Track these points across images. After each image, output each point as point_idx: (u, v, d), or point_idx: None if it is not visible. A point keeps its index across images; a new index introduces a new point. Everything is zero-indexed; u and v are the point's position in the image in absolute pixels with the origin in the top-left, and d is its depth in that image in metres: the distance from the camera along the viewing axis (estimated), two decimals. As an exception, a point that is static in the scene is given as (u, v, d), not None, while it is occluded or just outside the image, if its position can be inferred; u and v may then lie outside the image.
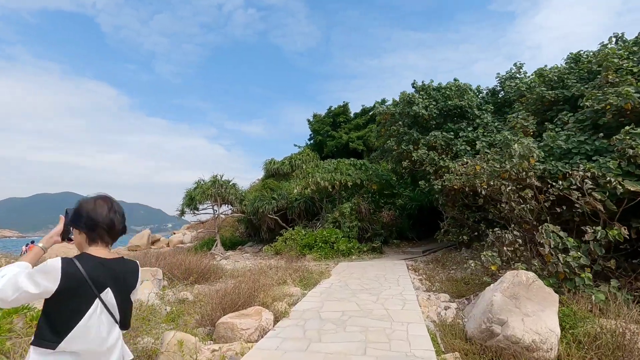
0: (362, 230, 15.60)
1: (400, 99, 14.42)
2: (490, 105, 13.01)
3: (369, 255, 14.18)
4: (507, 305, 5.03)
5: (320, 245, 13.99)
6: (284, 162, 24.03)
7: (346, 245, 13.92)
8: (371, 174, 16.22)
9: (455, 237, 12.53)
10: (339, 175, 15.65)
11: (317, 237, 14.20)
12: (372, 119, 27.79)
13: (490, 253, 7.26)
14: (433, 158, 12.06)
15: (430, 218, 19.21)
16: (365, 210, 15.50)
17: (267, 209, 16.99)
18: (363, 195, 15.98)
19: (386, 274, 9.89)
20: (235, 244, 21.52)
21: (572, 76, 10.36)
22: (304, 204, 17.71)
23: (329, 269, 11.07)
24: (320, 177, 15.57)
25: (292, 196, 18.22)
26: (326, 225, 15.17)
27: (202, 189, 17.65)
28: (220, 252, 17.95)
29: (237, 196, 19.02)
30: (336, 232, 14.34)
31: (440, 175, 12.11)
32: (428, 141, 12.76)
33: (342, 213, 15.04)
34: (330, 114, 28.84)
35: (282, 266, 11.16)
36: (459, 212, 12.26)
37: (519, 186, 8.10)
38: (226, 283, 9.91)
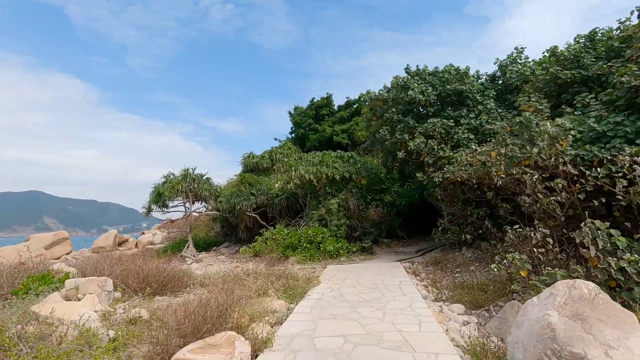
0: (350, 229, 14.18)
1: (393, 83, 13.06)
2: (492, 91, 11.84)
3: (359, 256, 12.77)
4: (574, 330, 3.67)
5: (305, 245, 12.46)
6: (264, 156, 22.31)
7: (334, 245, 12.45)
8: (360, 167, 14.82)
9: (456, 235, 11.29)
10: (325, 168, 14.16)
11: (302, 236, 12.67)
12: (357, 112, 26.49)
13: (518, 256, 5.94)
14: (432, 147, 10.75)
15: (421, 215, 18.07)
16: (354, 206, 14.09)
17: (244, 206, 15.29)
18: (351, 191, 14.56)
19: (385, 280, 8.47)
20: (209, 244, 19.67)
21: (589, 55, 9.26)
22: (286, 201, 16.12)
23: (317, 274, 9.56)
24: (304, 170, 14.04)
25: (272, 192, 16.59)
26: (311, 223, 13.65)
27: (172, 184, 15.73)
28: (192, 254, 16.10)
29: (211, 192, 17.18)
30: (322, 231, 12.85)
31: (440, 166, 10.83)
32: (425, 129, 11.45)
33: (329, 210, 13.56)
34: (312, 106, 27.30)
35: (262, 271, 9.56)
36: (461, 207, 11.02)
37: (545, 175, 6.85)
38: (194, 294, 8.23)
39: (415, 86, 12.35)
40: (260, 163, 22.17)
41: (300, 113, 27.43)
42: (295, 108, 28.16)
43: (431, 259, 11.32)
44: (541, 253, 6.10)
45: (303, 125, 26.42)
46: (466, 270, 9.33)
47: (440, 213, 19.22)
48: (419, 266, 10.60)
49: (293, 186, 14.99)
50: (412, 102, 12.35)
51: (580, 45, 9.61)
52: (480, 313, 6.48)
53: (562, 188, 6.44)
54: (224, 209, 16.55)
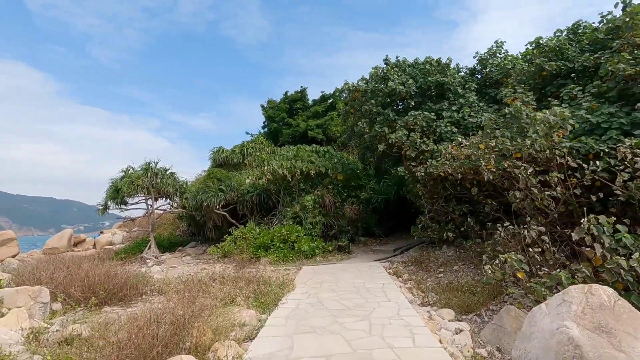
0: (326, 227, 13.45)
1: (372, 74, 12.43)
2: (473, 84, 11.47)
3: (335, 256, 12.07)
4: (602, 347, 3.10)
5: (279, 245, 11.60)
6: (235, 150, 21.12)
7: (309, 244, 11.67)
8: (336, 162, 14.12)
9: (437, 233, 10.84)
10: (300, 163, 13.34)
11: (275, 235, 11.79)
12: (332, 106, 25.81)
13: (515, 255, 5.41)
14: (415, 140, 10.20)
15: (397, 213, 17.66)
16: (330, 203, 13.37)
17: (212, 203, 14.17)
18: (327, 187, 13.83)
19: (366, 282, 7.80)
20: (174, 244, 18.32)
21: (573, 47, 9.01)
22: (258, 197, 15.15)
23: (292, 277, 8.74)
24: (277, 165, 13.14)
25: (243, 188, 15.56)
26: (284, 221, 12.79)
27: (131, 179, 14.32)
28: (154, 255, 14.79)
29: (176, 188, 15.88)
30: (297, 230, 12.03)
31: (423, 160, 10.32)
32: (406, 122, 10.90)
33: (304, 207, 12.77)
34: (286, 100, 26.33)
35: (231, 275, 8.64)
36: (443, 204, 10.57)
37: (539, 169, 6.40)
38: (150, 303, 7.18)
39: (395, 77, 11.77)
40: (231, 158, 20.98)
41: (273, 107, 26.38)
42: (268, 101, 27.08)
43: (411, 258, 10.81)
44: (537, 252, 5.61)
45: (276, 120, 25.41)
46: (450, 270, 8.85)
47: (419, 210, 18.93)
48: (400, 266, 10.04)
49: (265, 182, 14.06)
50: (392, 94, 11.77)
51: (564, 37, 9.36)
52: (472, 319, 5.93)
53: (557, 182, 6.00)
54: (190, 206, 15.34)
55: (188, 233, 19.80)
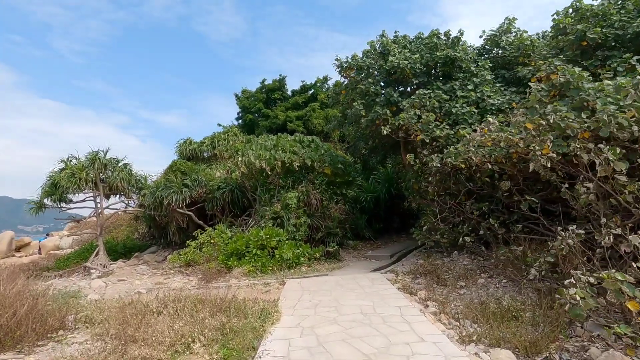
0: (311, 230, 11.42)
1: (368, 51, 10.51)
2: (487, 62, 9.81)
3: (324, 264, 10.06)
4: None
5: (255, 252, 9.44)
6: (204, 142, 18.63)
7: (293, 251, 9.60)
8: (324, 154, 12.11)
9: (447, 237, 9.07)
10: (282, 154, 11.23)
11: (250, 240, 9.62)
12: (314, 97, 23.82)
13: (621, 275, 3.61)
14: (428, 123, 8.36)
15: (388, 213, 15.91)
16: (317, 201, 11.35)
17: (175, 201, 11.77)
18: (314, 182, 11.80)
19: (375, 305, 5.83)
20: (131, 249, 15.70)
21: (618, 14, 7.46)
22: (231, 194, 12.89)
23: (274, 297, 6.64)
24: (254, 156, 10.98)
25: (213, 183, 13.26)
26: (263, 223, 10.63)
27: (72, 171, 11.66)
28: (102, 263, 12.20)
29: (131, 183, 13.34)
30: (278, 233, 9.92)
31: (436, 148, 8.52)
32: (412, 103, 9.05)
33: (287, 206, 10.67)
34: (263, 90, 24.06)
35: (192, 294, 6.43)
36: (456, 202, 8.80)
37: (622, 151, 4.66)
38: (64, 346, 4.87)
39: (396, 52, 9.92)
40: (200, 151, 18.49)
41: (248, 97, 24.05)
42: (243, 91, 24.70)
43: (417, 267, 8.96)
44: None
45: (252, 110, 23.08)
46: (473, 284, 7.04)
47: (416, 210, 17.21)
48: (407, 278, 8.15)
49: (239, 176, 11.86)
50: (394, 72, 9.91)
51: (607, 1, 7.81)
52: (543, 365, 4.10)
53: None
54: (149, 205, 12.84)
55: (148, 236, 17.15)
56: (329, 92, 11.35)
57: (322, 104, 22.97)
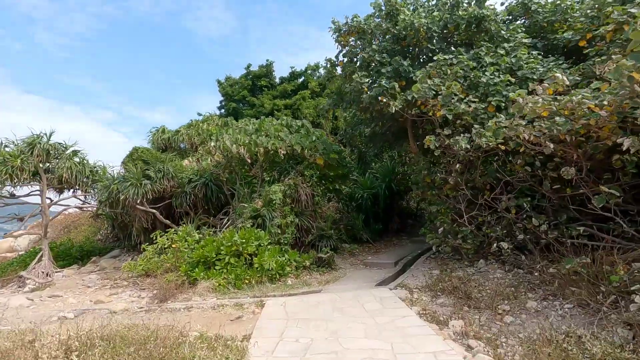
0: (300, 231, 9.44)
1: (375, 9, 8.56)
2: (521, 26, 7.97)
3: (315, 274, 8.10)
4: None
5: (228, 261, 7.40)
6: (180, 130, 16.39)
7: (276, 258, 7.59)
8: (316, 140, 10.11)
9: (471, 242, 7.20)
10: (265, 139, 9.20)
11: (222, 245, 7.56)
12: (304, 85, 21.80)
13: None
14: (451, 94, 6.45)
15: (387, 212, 14.05)
16: (308, 197, 9.36)
17: (133, 195, 9.60)
18: (303, 174, 9.80)
19: (395, 347, 3.88)
20: (90, 253, 13.45)
21: None
22: (204, 188, 10.80)
23: (245, 329, 4.63)
24: (231, 140, 8.92)
25: (184, 175, 11.16)
26: (240, 223, 8.58)
27: (4, 158, 9.40)
28: (45, 271, 9.95)
29: (86, 174, 11.12)
30: (258, 236, 7.89)
31: (463, 127, 6.63)
32: (428, 72, 7.13)
33: (270, 202, 8.65)
34: (248, 76, 21.94)
35: (121, 329, 4.37)
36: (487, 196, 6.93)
37: None
38: None
39: (407, 12, 7.99)
40: (175, 140, 16.24)
41: (232, 84, 21.89)
42: (226, 78, 22.51)
43: (432, 279, 7.07)
44: None
45: (235, 98, 20.93)
46: (521, 308, 5.17)
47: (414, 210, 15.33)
48: (424, 296, 6.24)
49: (213, 165, 9.80)
50: (404, 36, 7.99)
51: None
52: None
53: None
54: (104, 200, 10.64)
55: (112, 237, 14.89)
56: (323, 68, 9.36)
57: (313, 92, 20.97)
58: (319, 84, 21.26)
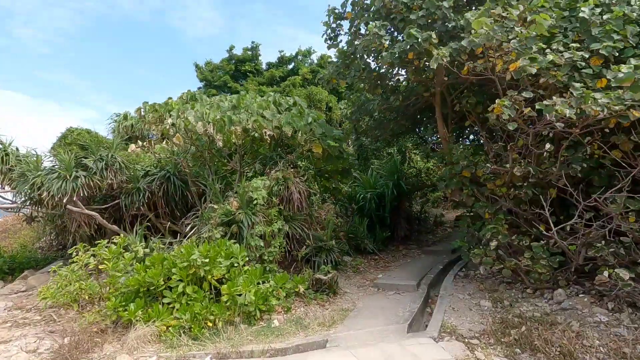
0: (291, 242, 6.97)
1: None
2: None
3: (313, 306, 5.64)
4: None
5: (185, 291, 4.86)
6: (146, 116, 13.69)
7: (257, 286, 5.09)
8: (312, 123, 7.68)
9: (547, 265, 4.89)
10: (244, 115, 6.72)
11: (176, 265, 5.01)
12: (294, 72, 19.37)
13: None
14: (530, 38, 4.11)
15: (395, 216, 11.70)
16: (302, 196, 6.90)
17: (59, 191, 6.94)
18: (296, 166, 7.36)
19: None
20: (23, 265, 10.64)
21: None
22: (166, 184, 8.25)
23: None
24: (196, 117, 6.40)
25: (140, 167, 8.60)
26: (207, 232, 6.05)
27: None
28: (-64, 296, 7.16)
29: (6, 163, 8.41)
30: (231, 251, 5.36)
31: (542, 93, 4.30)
32: (488, 11, 4.78)
33: (250, 201, 6.17)
34: (231, 60, 19.37)
35: None
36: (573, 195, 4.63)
37: None
38: None
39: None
40: (139, 128, 13.52)
41: (213, 69, 19.26)
42: (206, 62, 19.85)
43: (489, 318, 4.73)
44: None
45: (216, 84, 18.31)
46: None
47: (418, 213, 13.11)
48: (494, 355, 3.87)
49: (175, 149, 7.27)
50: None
51: None
52: None
53: None
54: (26, 198, 7.94)
55: (56, 245, 12.13)
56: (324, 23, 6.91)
57: (304, 79, 18.55)
58: (311, 71, 18.87)
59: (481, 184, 6.40)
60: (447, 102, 7.20)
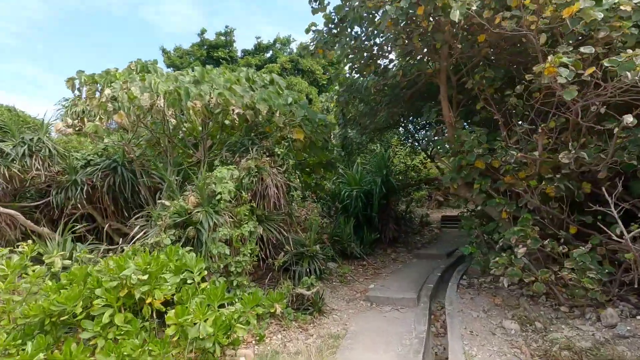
0: (266, 247, 5.62)
1: None
2: None
3: (293, 331, 4.33)
4: None
5: (113, 320, 3.42)
6: (100, 102, 11.97)
7: (216, 312, 3.72)
8: (292, 104, 6.37)
9: (597, 275, 3.80)
10: (206, 87, 5.33)
11: (102, 282, 3.56)
12: (272, 60, 17.96)
13: None
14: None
15: (384, 215, 10.60)
16: (280, 191, 5.56)
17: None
18: (273, 153, 6.03)
19: None
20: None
21: None
22: (112, 176, 6.71)
23: None
24: (142, 87, 4.95)
25: (80, 155, 7.04)
26: (152, 237, 4.61)
27: None
28: None
29: None
30: (184, 260, 3.96)
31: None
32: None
33: (212, 196, 4.78)
34: (203, 46, 17.71)
35: None
36: None
37: None
38: None
39: None
40: (91, 114, 11.73)
41: (182, 54, 17.55)
42: (175, 48, 18.08)
43: (522, 347, 3.59)
44: None
45: (185, 71, 16.64)
46: None
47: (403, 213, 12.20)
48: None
49: (122, 135, 5.79)
50: None
51: None
52: None
53: None
54: None
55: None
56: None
57: (283, 69, 17.17)
58: (290, 60, 17.51)
59: (496, 177, 5.32)
60: (452, 82, 6.10)
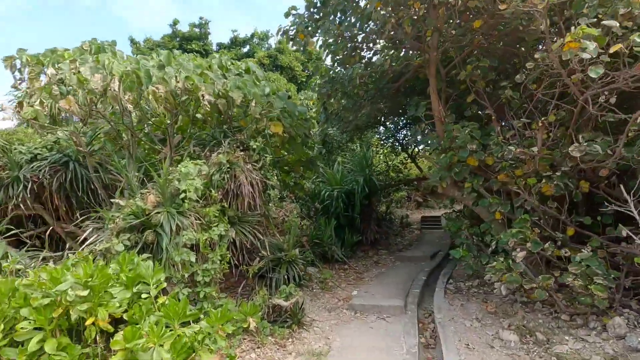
0: (239, 253, 5.01)
1: None
2: None
3: (269, 348, 3.76)
4: None
5: (41, 348, 2.73)
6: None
7: (177, 327, 3.10)
8: (269, 94, 5.81)
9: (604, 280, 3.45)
10: (171, 70, 4.68)
11: (29, 300, 2.86)
12: (249, 55, 17.27)
13: None
14: None
15: (365, 217, 10.18)
16: (255, 189, 4.97)
17: None
18: (248, 147, 5.44)
19: None
20: None
21: None
22: (62, 171, 5.90)
23: None
24: (93, 68, 4.25)
25: (25, 149, 6.18)
26: (102, 243, 3.93)
27: None
28: None
29: None
30: (139, 270, 3.31)
31: None
32: None
33: (175, 195, 4.14)
34: (175, 37, 16.78)
35: None
36: None
37: None
38: None
39: None
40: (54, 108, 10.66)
41: (152, 46, 16.55)
42: (145, 40, 17.05)
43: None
44: None
45: (155, 63, 15.67)
46: None
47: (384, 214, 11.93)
48: None
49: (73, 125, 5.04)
50: None
51: None
52: None
53: None
54: None
55: None
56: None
57: (260, 64, 16.50)
58: (268, 56, 16.88)
59: (488, 175, 4.97)
60: (442, 75, 5.72)
